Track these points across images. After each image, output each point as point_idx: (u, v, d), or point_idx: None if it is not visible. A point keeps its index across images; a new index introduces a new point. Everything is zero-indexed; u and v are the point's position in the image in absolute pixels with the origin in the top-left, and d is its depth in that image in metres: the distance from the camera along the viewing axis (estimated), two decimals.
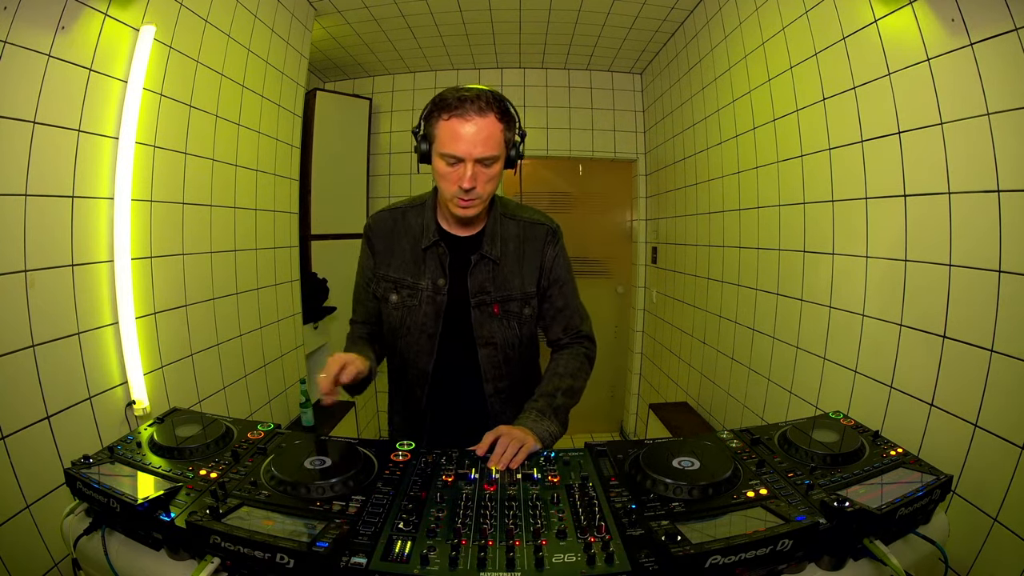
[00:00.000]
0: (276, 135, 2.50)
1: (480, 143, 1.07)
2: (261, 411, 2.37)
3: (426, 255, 1.27)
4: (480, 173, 1.11)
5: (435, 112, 1.11)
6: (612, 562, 0.75)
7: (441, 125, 1.09)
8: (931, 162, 1.33)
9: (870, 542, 0.79)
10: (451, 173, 1.11)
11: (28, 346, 1.28)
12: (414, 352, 1.31)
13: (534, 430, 1.13)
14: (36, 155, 1.29)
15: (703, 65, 2.73)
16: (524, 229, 1.31)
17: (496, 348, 1.30)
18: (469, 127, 1.07)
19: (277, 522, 0.80)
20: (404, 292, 1.29)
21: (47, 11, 1.29)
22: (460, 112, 1.07)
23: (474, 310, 1.27)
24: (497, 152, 1.11)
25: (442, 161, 1.11)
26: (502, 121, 1.10)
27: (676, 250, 3.25)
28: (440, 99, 1.11)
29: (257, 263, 2.36)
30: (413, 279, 1.28)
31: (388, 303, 1.31)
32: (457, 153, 1.08)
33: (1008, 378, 1.14)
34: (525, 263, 1.29)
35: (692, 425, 2.73)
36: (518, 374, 1.35)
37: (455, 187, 1.11)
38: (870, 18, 1.50)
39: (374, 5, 2.81)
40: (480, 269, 1.26)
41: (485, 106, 1.07)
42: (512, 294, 1.29)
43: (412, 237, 1.29)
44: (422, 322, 1.28)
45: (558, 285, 1.33)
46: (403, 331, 1.31)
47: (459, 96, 1.08)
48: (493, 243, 1.26)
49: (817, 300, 1.81)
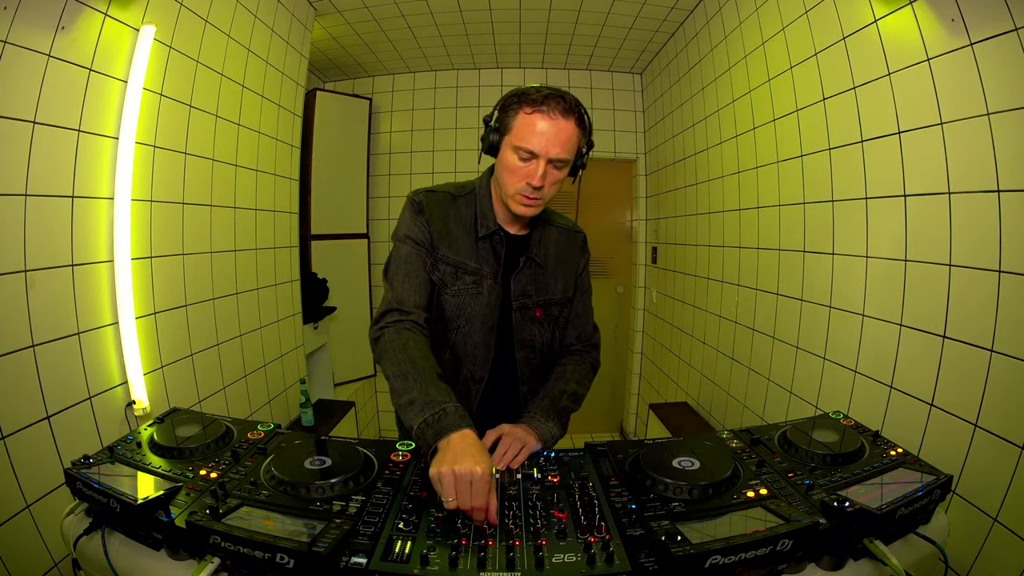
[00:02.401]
0: (276, 135, 2.50)
1: (559, 143, 1.05)
2: (261, 411, 2.37)
3: (479, 244, 1.21)
4: (550, 173, 1.09)
5: (516, 104, 1.07)
6: (612, 562, 0.75)
7: (521, 118, 1.06)
8: (931, 162, 1.33)
9: (870, 542, 0.79)
10: (521, 168, 1.08)
11: (28, 346, 1.28)
12: (472, 346, 1.22)
13: (537, 430, 1.13)
14: (36, 155, 1.29)
15: (703, 65, 2.73)
16: (563, 235, 1.31)
17: (534, 351, 1.29)
18: (550, 125, 1.04)
19: (277, 522, 0.80)
20: (467, 279, 1.20)
21: (47, 11, 1.29)
22: (545, 108, 1.04)
23: (516, 312, 1.24)
24: (570, 156, 1.09)
25: (514, 155, 1.08)
26: (580, 127, 1.08)
27: (676, 250, 3.25)
28: (523, 92, 1.07)
29: (257, 263, 2.36)
30: (476, 264, 1.20)
31: (447, 290, 1.20)
32: (534, 148, 1.05)
33: (1008, 378, 1.14)
34: (565, 269, 1.30)
35: (692, 425, 2.73)
36: (548, 377, 1.34)
37: (522, 183, 1.09)
38: (870, 18, 1.50)
39: (374, 5, 2.81)
40: (525, 272, 1.25)
41: (568, 109, 1.05)
42: (553, 298, 1.28)
43: (464, 224, 1.22)
44: (484, 312, 1.21)
45: (581, 292, 1.34)
46: (461, 322, 1.21)
47: (545, 93, 1.05)
48: (540, 247, 1.26)
49: (817, 300, 1.81)
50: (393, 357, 1.06)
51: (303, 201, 3.03)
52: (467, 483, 0.82)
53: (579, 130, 1.08)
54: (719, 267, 2.62)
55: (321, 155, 3.31)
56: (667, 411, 2.96)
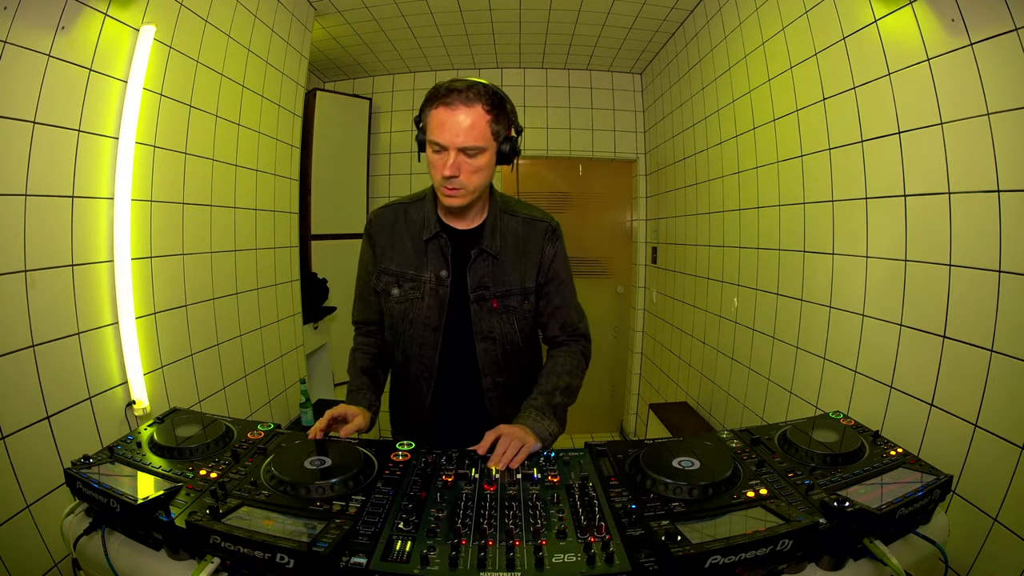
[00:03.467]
0: (276, 135, 2.50)
1: (463, 132, 1.09)
2: (261, 411, 2.37)
3: (428, 247, 1.27)
4: (464, 163, 1.12)
5: (428, 102, 1.13)
6: (612, 562, 0.75)
7: (431, 113, 1.12)
8: (931, 162, 1.33)
9: (870, 542, 0.79)
10: (437, 160, 1.14)
11: (28, 346, 1.28)
12: (418, 346, 1.30)
13: (534, 429, 1.13)
14: (36, 155, 1.29)
15: (703, 65, 2.73)
16: (524, 225, 1.31)
17: (495, 343, 1.30)
18: (454, 116, 1.09)
19: (277, 522, 0.80)
20: (407, 285, 1.28)
21: (47, 11, 1.29)
22: (447, 101, 1.09)
23: (473, 304, 1.27)
24: (482, 144, 1.12)
25: (430, 148, 1.14)
26: (490, 113, 1.11)
27: (676, 250, 3.25)
28: (433, 89, 1.13)
29: (257, 263, 2.36)
30: (416, 271, 1.28)
31: (390, 297, 1.30)
32: (441, 141, 1.10)
33: (1008, 378, 1.14)
34: (525, 258, 1.30)
35: (692, 425, 2.73)
36: (517, 370, 1.35)
37: (439, 175, 1.14)
38: (870, 18, 1.50)
39: (374, 5, 2.81)
40: (479, 263, 1.26)
41: (473, 97, 1.09)
42: (511, 289, 1.29)
43: (414, 230, 1.29)
44: (426, 315, 1.28)
45: (556, 282, 1.33)
46: (406, 325, 1.30)
47: (449, 86, 1.10)
48: (493, 237, 1.27)
49: (817, 300, 1.81)
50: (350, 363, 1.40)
51: (303, 201, 3.03)
52: None
53: (489, 116, 1.11)
54: (719, 267, 2.62)
55: (321, 155, 3.31)
56: (667, 411, 2.96)
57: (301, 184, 2.87)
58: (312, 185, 3.24)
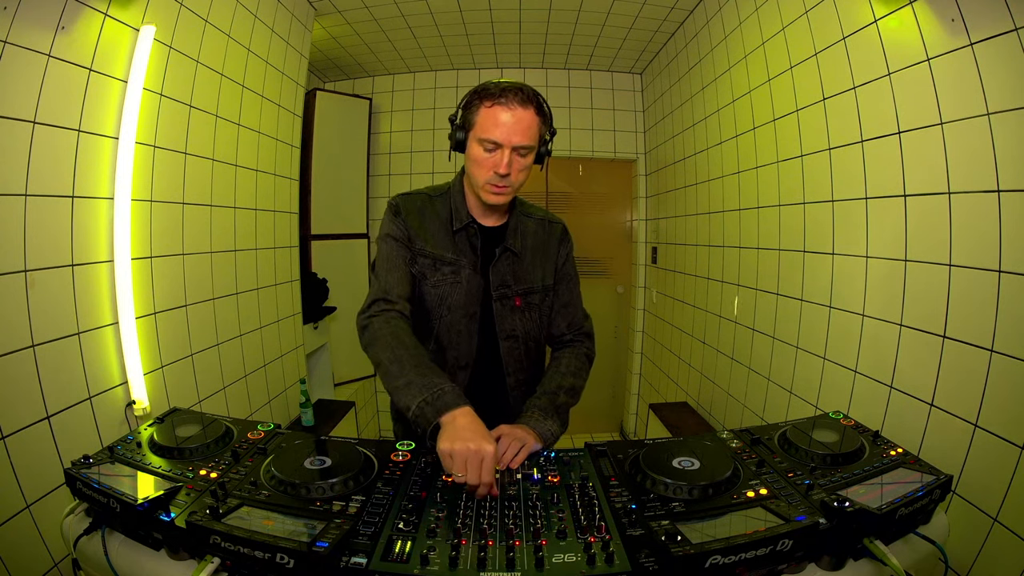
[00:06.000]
0: (276, 135, 2.50)
1: (520, 132, 1.11)
2: (261, 411, 2.37)
3: (456, 237, 1.27)
4: (515, 161, 1.14)
5: (476, 100, 1.14)
6: (612, 562, 0.75)
7: (482, 112, 1.12)
8: (931, 162, 1.33)
9: (870, 542, 0.79)
10: (487, 159, 1.14)
11: (28, 346, 1.28)
12: (455, 334, 1.27)
13: (536, 429, 1.13)
14: (36, 155, 1.29)
15: (703, 65, 2.73)
16: (541, 226, 1.35)
17: (518, 341, 1.31)
18: (510, 115, 1.10)
19: (277, 522, 0.80)
20: (446, 269, 1.26)
21: (47, 11, 1.29)
22: (503, 100, 1.10)
23: (496, 303, 1.28)
24: (533, 143, 1.14)
25: (480, 147, 1.14)
26: (539, 115, 1.14)
27: (676, 250, 3.25)
28: (483, 88, 1.14)
29: (257, 263, 2.36)
30: (454, 256, 1.26)
31: (427, 281, 1.26)
32: (497, 139, 1.11)
33: (1008, 378, 1.14)
34: (544, 258, 1.34)
35: (692, 425, 2.73)
36: (537, 366, 1.37)
37: (490, 173, 1.14)
38: (870, 18, 1.50)
39: (374, 5, 2.81)
40: (503, 262, 1.28)
41: (526, 98, 1.11)
42: (533, 287, 1.32)
43: (441, 220, 1.28)
44: (465, 301, 1.26)
45: (566, 281, 1.38)
46: (443, 311, 1.26)
47: (502, 86, 1.12)
48: (515, 237, 1.30)
49: (817, 300, 1.81)
50: (386, 343, 1.12)
51: (303, 201, 3.03)
52: (478, 461, 0.89)
53: (539, 118, 1.14)
54: (719, 267, 2.62)
55: (321, 155, 3.31)
56: (667, 411, 2.96)
57: (301, 184, 2.87)
58: (312, 185, 3.24)
